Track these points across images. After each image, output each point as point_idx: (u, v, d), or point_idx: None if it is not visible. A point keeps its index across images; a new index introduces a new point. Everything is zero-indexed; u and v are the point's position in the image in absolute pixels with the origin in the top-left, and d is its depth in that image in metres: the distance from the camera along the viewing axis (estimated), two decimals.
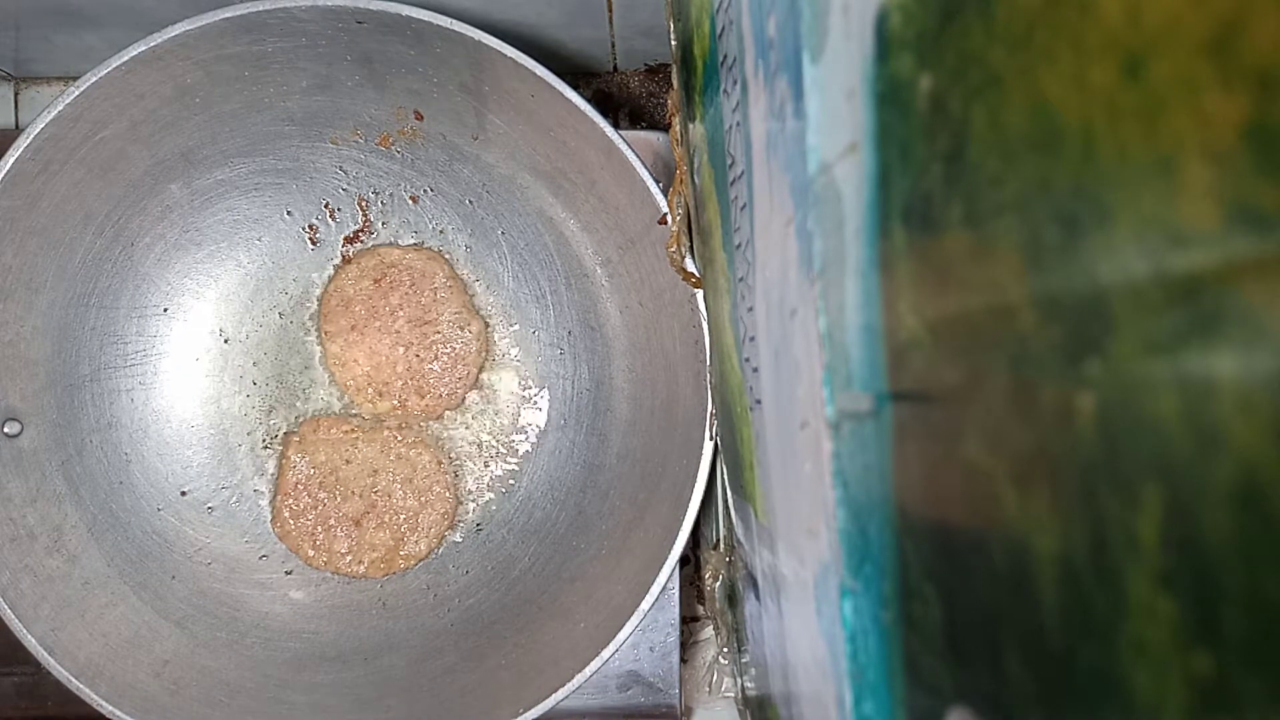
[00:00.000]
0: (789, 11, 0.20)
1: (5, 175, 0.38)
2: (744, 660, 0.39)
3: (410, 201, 0.48)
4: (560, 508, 0.47)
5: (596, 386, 0.48)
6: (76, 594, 0.41)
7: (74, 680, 0.38)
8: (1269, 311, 0.09)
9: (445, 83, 0.41)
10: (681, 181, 0.37)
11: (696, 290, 0.38)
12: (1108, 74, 0.11)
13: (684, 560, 0.48)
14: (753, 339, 0.28)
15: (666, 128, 0.40)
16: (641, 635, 0.46)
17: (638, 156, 0.38)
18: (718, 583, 0.42)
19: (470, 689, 0.41)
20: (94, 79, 0.37)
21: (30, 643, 0.38)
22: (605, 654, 0.38)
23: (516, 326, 0.49)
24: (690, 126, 0.36)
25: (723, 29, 0.27)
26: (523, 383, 0.49)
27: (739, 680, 0.41)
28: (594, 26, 0.45)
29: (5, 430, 0.41)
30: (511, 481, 0.49)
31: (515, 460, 0.49)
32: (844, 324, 0.19)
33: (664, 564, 0.38)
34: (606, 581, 0.41)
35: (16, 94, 0.52)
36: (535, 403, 0.49)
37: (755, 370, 0.28)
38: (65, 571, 0.41)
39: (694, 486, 0.38)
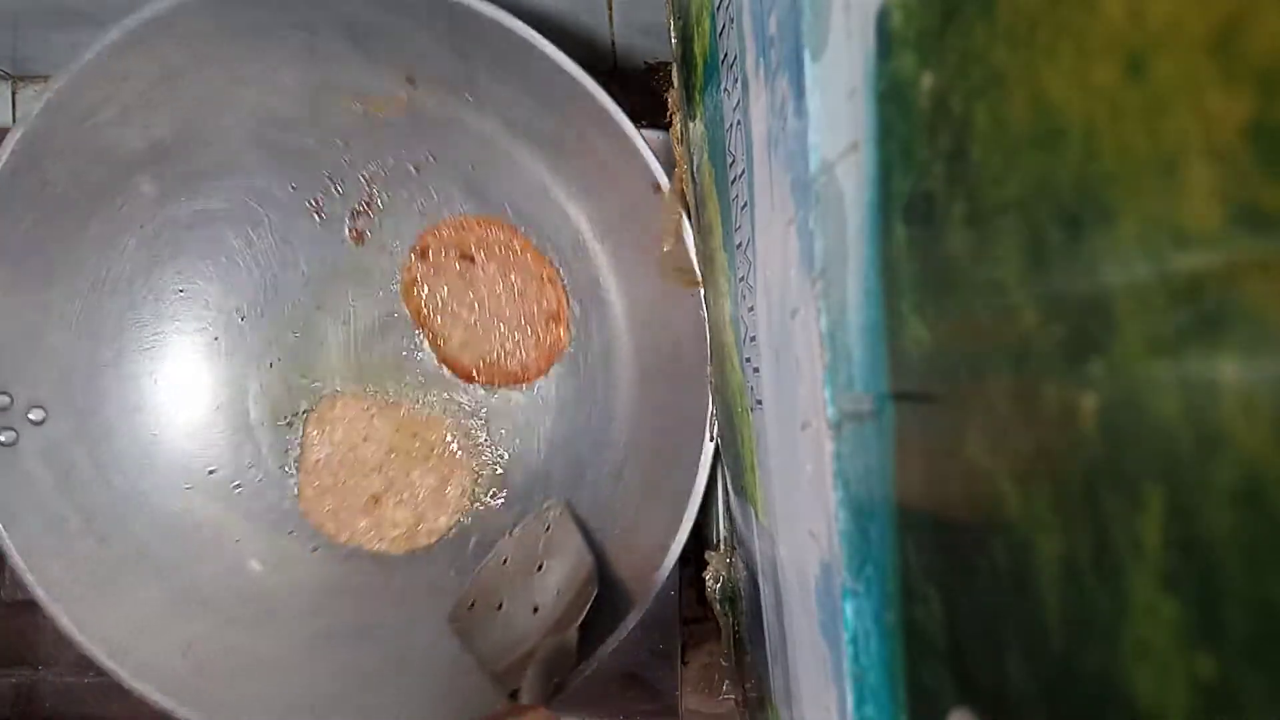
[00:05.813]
0: (790, 9, 0.20)
1: (1, 171, 0.38)
2: (745, 662, 0.39)
3: (413, 170, 0.48)
4: (576, 484, 0.47)
5: (609, 359, 0.48)
6: (107, 575, 0.42)
7: (105, 660, 0.39)
8: (1271, 312, 0.09)
9: (430, 44, 0.41)
10: (682, 180, 0.37)
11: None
12: (1110, 73, 0.11)
13: (684, 561, 0.48)
14: (753, 339, 0.28)
15: (667, 126, 0.39)
16: (642, 636, 0.46)
17: (623, 110, 0.38)
18: (718, 584, 0.42)
19: None
20: (76, 67, 0.37)
21: (64, 623, 0.39)
22: (629, 621, 0.39)
23: None
24: (690, 125, 0.36)
25: (723, 27, 0.27)
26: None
27: (740, 682, 0.41)
28: (594, 25, 0.45)
29: (30, 418, 0.41)
30: (529, 457, 0.49)
31: (532, 436, 0.49)
32: (845, 324, 0.19)
33: (677, 533, 0.38)
34: (620, 559, 0.42)
35: (14, 93, 0.52)
36: (550, 376, 0.49)
37: (756, 370, 0.28)
38: (96, 553, 0.42)
39: (699, 464, 0.38)
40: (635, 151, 0.38)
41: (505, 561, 0.45)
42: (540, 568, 0.43)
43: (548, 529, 0.44)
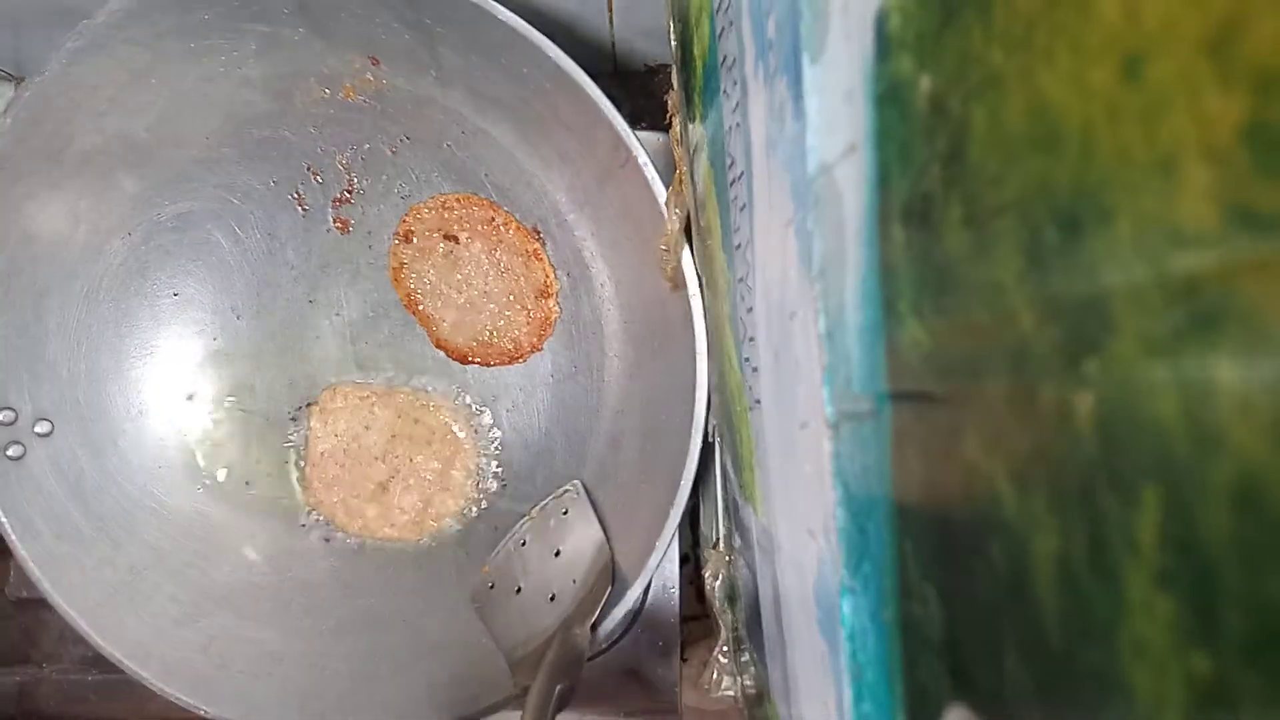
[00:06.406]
0: (789, 12, 0.20)
1: None
2: (743, 659, 0.39)
3: (389, 153, 0.47)
4: (578, 457, 0.48)
5: (601, 328, 0.48)
6: (124, 579, 0.42)
7: (126, 662, 0.39)
8: (1268, 312, 0.09)
9: (387, 21, 0.41)
10: (681, 182, 0.37)
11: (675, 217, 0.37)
12: (1107, 74, 0.11)
13: (684, 559, 0.48)
14: (752, 339, 0.28)
15: (666, 128, 0.39)
16: (642, 633, 0.47)
17: (588, 74, 0.37)
18: (718, 581, 0.42)
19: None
20: (40, 79, 0.37)
21: (82, 628, 0.39)
22: (629, 598, 0.39)
23: None
24: (690, 127, 0.36)
25: (722, 30, 0.27)
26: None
27: (739, 679, 0.41)
28: (594, 27, 0.45)
29: (37, 430, 0.41)
30: (530, 433, 0.49)
31: (531, 412, 0.49)
32: (844, 325, 0.19)
33: (674, 503, 0.38)
34: (623, 533, 0.42)
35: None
36: (544, 350, 0.49)
37: (755, 370, 0.28)
38: (111, 558, 0.42)
39: (693, 423, 0.38)
40: (599, 112, 0.38)
41: (524, 544, 0.45)
42: (558, 553, 0.43)
43: (565, 513, 0.45)
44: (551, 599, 0.42)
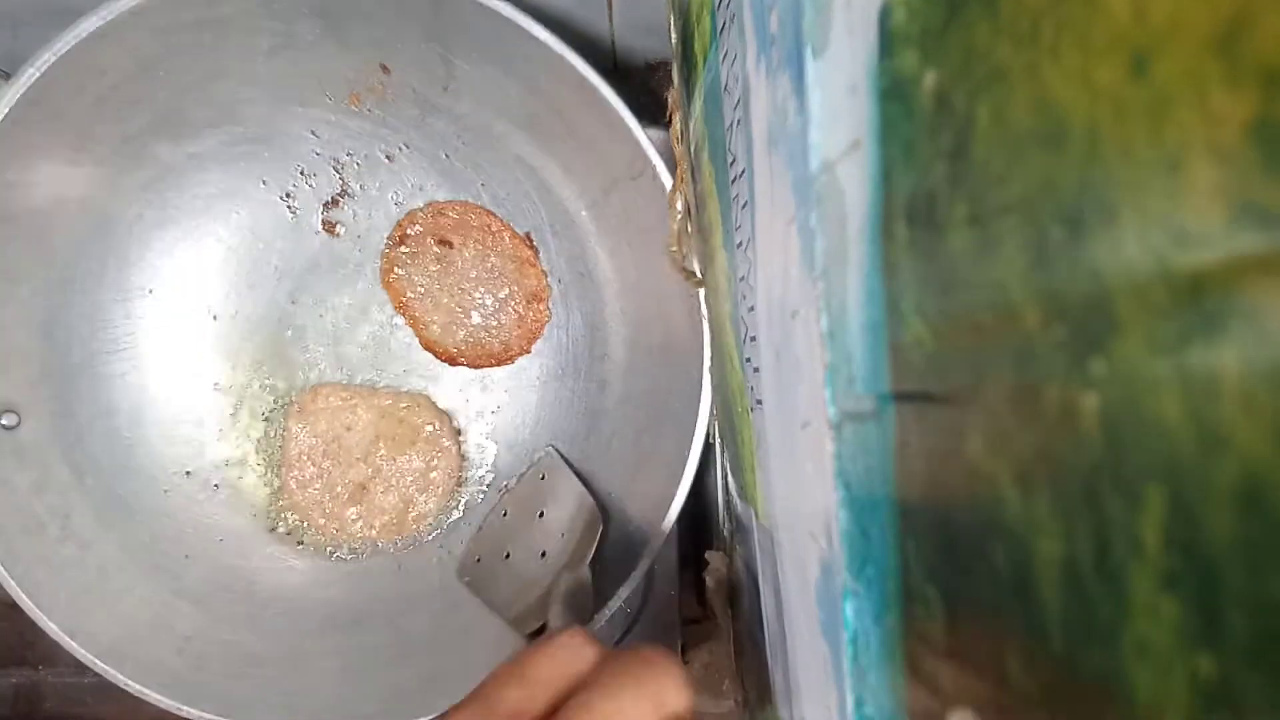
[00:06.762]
0: (791, 7, 0.20)
1: None
2: (745, 661, 0.39)
3: (386, 160, 0.47)
4: (565, 455, 0.48)
5: (592, 332, 0.48)
6: (93, 580, 0.41)
7: (98, 663, 0.38)
8: (1273, 310, 0.09)
9: (407, 30, 0.40)
10: (682, 179, 0.37)
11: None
12: (1113, 71, 0.11)
13: (685, 562, 0.48)
14: (754, 339, 0.28)
15: (667, 125, 0.39)
16: (642, 637, 0.47)
17: (613, 90, 0.38)
18: (719, 584, 0.42)
19: (489, 643, 0.41)
20: (51, 59, 0.36)
21: (51, 629, 0.38)
22: (622, 592, 0.39)
23: None
24: (691, 124, 0.36)
25: (724, 25, 0.27)
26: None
27: (740, 682, 0.41)
28: (594, 23, 0.45)
29: (3, 423, 0.40)
30: (515, 434, 0.49)
31: (517, 413, 0.49)
32: (846, 323, 0.19)
33: (673, 500, 0.38)
34: (615, 525, 0.42)
35: None
36: (532, 354, 0.49)
37: (756, 370, 0.28)
38: (79, 558, 0.41)
39: (696, 421, 0.38)
40: (620, 125, 0.38)
41: (505, 515, 0.45)
42: (541, 515, 0.43)
43: (542, 478, 0.45)
44: (543, 556, 0.42)
